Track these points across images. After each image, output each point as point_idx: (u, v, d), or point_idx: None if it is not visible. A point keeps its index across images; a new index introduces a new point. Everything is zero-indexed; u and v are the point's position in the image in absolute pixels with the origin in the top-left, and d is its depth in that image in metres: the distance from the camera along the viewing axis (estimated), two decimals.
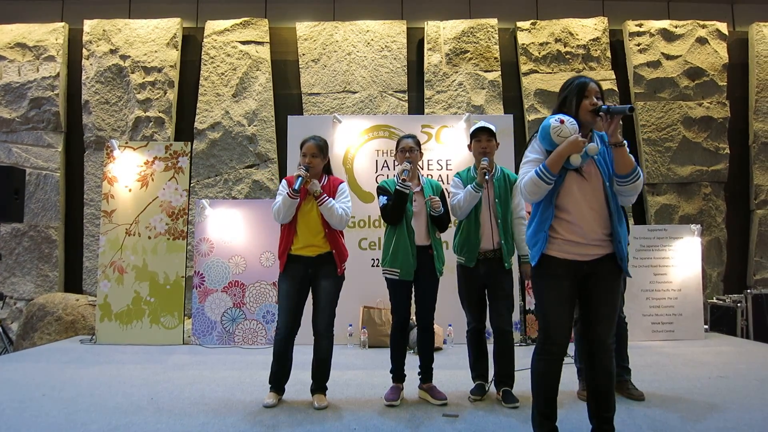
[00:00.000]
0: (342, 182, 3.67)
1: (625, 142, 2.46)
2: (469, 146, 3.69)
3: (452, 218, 3.68)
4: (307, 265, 3.47)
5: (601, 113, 2.47)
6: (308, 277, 3.49)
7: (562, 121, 2.45)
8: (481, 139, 3.55)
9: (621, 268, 2.50)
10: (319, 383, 3.52)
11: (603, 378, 2.51)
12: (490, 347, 3.62)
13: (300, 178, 3.35)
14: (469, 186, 3.45)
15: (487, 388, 3.60)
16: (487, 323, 3.64)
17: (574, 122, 2.47)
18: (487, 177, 3.41)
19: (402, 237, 3.47)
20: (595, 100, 2.53)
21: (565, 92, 2.60)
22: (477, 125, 3.60)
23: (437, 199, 3.50)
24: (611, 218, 2.48)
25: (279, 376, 3.52)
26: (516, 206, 3.59)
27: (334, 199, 3.51)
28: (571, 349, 3.75)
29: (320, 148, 3.54)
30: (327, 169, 3.66)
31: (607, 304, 2.51)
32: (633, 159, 2.47)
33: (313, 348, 3.53)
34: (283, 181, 3.56)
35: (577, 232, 2.47)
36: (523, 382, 3.21)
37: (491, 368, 3.63)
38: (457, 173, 3.69)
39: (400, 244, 3.47)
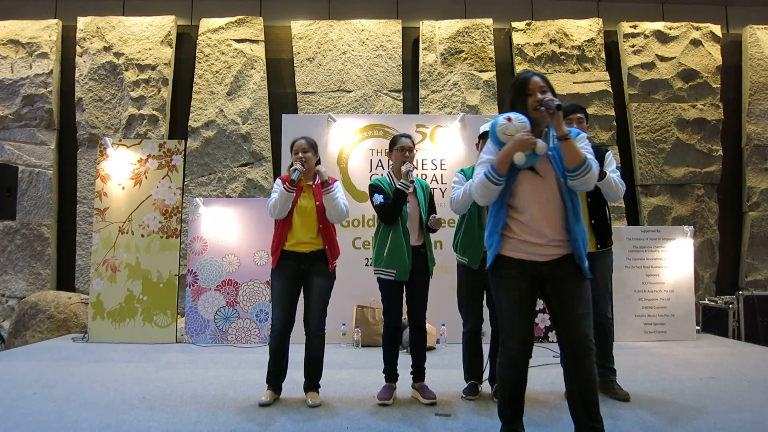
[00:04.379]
0: (336, 180, 3.68)
1: (570, 134, 2.36)
2: (477, 145, 3.66)
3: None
4: (299, 261, 3.48)
5: (541, 107, 2.38)
6: (300, 273, 3.51)
7: (509, 119, 2.38)
8: None
9: (587, 273, 2.40)
10: (312, 381, 3.53)
11: (587, 386, 2.36)
12: (485, 347, 3.63)
13: (296, 171, 3.41)
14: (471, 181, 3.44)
15: (480, 388, 3.61)
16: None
17: (524, 119, 2.39)
18: None
19: (398, 238, 3.46)
20: (539, 95, 2.41)
21: (512, 92, 2.51)
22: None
23: (439, 217, 3.52)
24: (567, 216, 2.39)
25: (276, 374, 3.52)
26: None
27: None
28: (558, 348, 3.77)
29: (311, 145, 3.61)
30: None
31: (582, 303, 2.37)
32: (582, 151, 2.37)
33: (305, 346, 3.54)
34: (278, 180, 3.58)
35: (534, 232, 2.39)
36: None
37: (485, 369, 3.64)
38: (461, 170, 3.64)
39: (396, 245, 3.46)
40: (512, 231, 2.43)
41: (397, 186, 3.46)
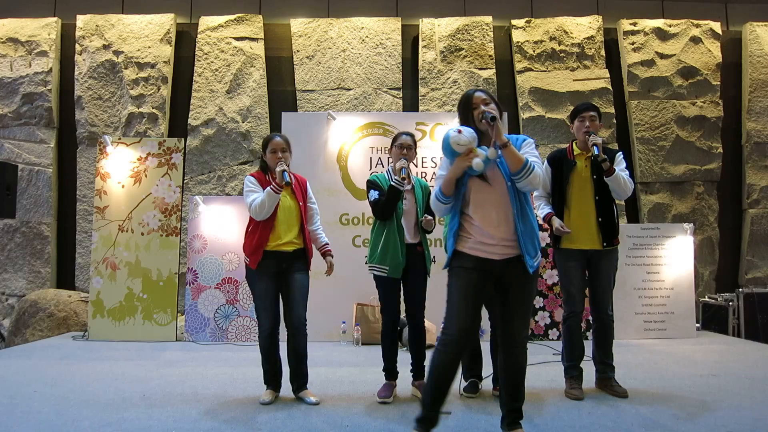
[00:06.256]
0: (306, 181, 3.74)
1: (509, 141, 2.51)
2: None
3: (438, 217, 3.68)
4: (281, 260, 3.46)
5: (483, 120, 2.56)
6: (281, 272, 3.49)
7: (459, 131, 2.52)
8: None
9: (531, 267, 2.56)
10: (303, 380, 3.51)
11: (515, 372, 2.64)
12: (483, 345, 3.63)
13: (285, 173, 3.39)
14: None
15: (480, 386, 3.61)
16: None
17: (473, 132, 2.54)
18: None
19: (392, 234, 3.48)
20: (482, 108, 2.60)
21: (459, 109, 2.72)
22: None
23: (430, 218, 3.50)
24: (515, 217, 2.56)
25: (272, 374, 3.51)
26: None
27: (305, 199, 3.63)
28: (559, 346, 3.77)
29: (287, 143, 3.61)
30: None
31: (523, 303, 2.64)
32: (524, 155, 2.55)
33: (290, 345, 3.49)
34: (250, 177, 3.54)
35: (485, 234, 2.56)
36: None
37: (484, 366, 3.64)
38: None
39: (390, 242, 3.47)
40: (467, 232, 2.62)
41: (391, 183, 3.47)
